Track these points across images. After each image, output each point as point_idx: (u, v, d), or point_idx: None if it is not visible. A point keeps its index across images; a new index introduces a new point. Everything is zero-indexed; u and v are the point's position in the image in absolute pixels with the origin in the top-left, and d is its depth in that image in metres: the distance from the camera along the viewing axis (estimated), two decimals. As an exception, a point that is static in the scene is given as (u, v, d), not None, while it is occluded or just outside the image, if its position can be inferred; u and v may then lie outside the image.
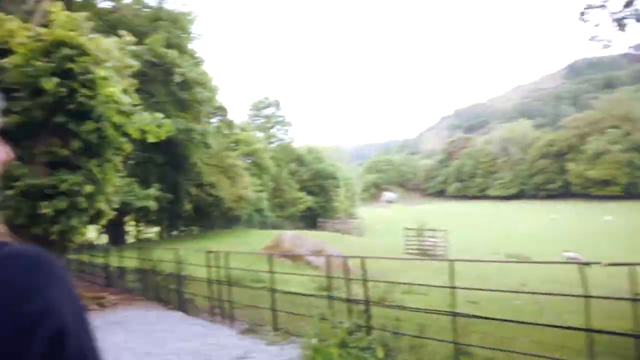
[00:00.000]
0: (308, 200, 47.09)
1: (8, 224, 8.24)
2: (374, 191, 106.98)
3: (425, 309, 5.72)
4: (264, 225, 39.23)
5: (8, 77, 8.46)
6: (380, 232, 41.35)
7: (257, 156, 41.09)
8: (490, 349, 4.91)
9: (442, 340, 5.22)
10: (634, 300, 3.95)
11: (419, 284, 9.20)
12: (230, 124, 38.54)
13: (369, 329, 5.64)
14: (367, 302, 5.89)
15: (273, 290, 6.81)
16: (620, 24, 12.35)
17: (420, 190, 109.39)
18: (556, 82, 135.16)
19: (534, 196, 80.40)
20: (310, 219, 46.72)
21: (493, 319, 5.09)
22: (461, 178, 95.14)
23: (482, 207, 70.11)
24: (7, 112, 9.12)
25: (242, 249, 14.14)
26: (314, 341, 5.12)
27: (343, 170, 59.66)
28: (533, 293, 6.53)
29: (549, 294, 5.50)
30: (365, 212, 62.13)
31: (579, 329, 4.40)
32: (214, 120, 35.11)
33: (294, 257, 14.97)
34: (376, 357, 5.03)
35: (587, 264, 4.28)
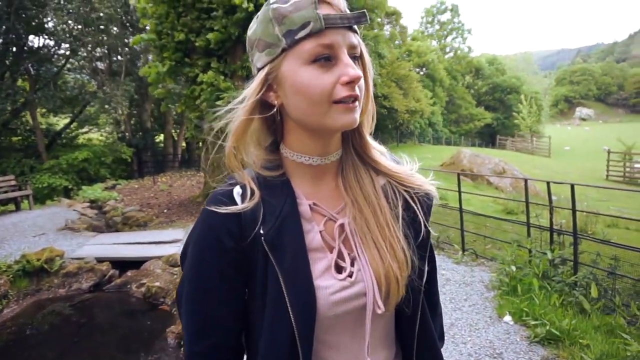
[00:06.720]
0: (486, 117, 43.43)
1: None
2: (564, 106, 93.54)
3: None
4: (437, 141, 37.96)
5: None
6: (571, 153, 36.27)
7: (430, 68, 38.80)
8: None
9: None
10: None
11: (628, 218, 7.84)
12: (403, 32, 36.55)
13: (575, 264, 4.90)
14: (574, 234, 5.08)
15: (461, 210, 6.40)
16: None
17: (626, 106, 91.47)
18: None
19: None
20: (488, 137, 43.37)
21: None
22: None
23: None
24: (209, 30, 10.02)
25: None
26: (513, 268, 4.66)
27: (529, 83, 52.77)
28: None
29: None
30: (553, 130, 54.84)
31: None
32: (386, 27, 33.33)
33: (474, 177, 14.08)
34: (586, 296, 4.36)
35: None
